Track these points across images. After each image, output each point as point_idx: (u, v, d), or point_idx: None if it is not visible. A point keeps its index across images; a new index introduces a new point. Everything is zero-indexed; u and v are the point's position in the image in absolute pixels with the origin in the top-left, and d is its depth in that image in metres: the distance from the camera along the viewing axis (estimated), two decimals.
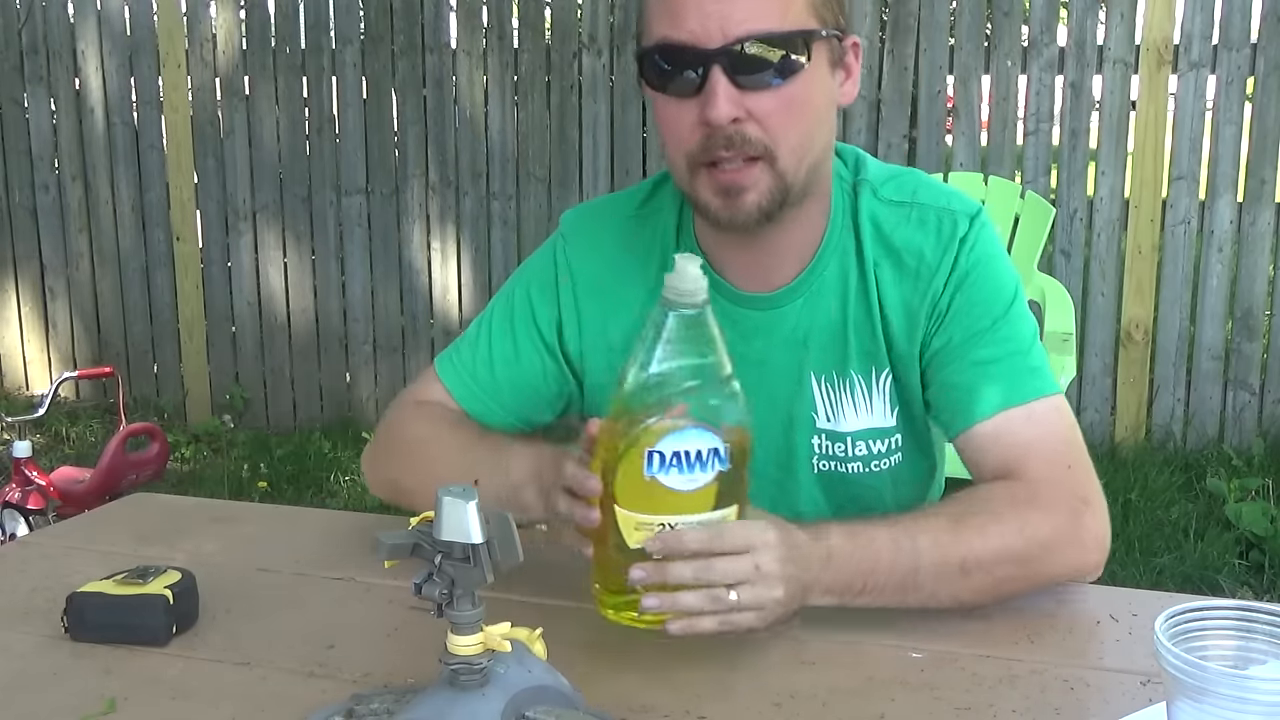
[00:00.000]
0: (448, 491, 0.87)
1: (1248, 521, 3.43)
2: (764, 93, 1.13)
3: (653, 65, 1.16)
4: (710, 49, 1.12)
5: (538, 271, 1.38)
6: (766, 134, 1.14)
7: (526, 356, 1.36)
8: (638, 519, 1.00)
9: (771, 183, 1.16)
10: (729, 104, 1.12)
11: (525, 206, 4.57)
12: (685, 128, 1.16)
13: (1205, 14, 3.95)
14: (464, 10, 4.57)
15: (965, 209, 1.27)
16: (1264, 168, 4.00)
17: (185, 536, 1.43)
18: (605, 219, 1.37)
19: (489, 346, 1.37)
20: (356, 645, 1.12)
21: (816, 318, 1.28)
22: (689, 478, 0.99)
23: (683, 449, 0.98)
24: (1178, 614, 0.85)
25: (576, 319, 1.35)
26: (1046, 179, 4.17)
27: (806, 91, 1.15)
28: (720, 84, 1.12)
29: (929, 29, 4.16)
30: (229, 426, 4.90)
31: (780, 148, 1.15)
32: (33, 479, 3.30)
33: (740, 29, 1.11)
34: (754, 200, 1.17)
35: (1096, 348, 4.18)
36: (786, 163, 1.16)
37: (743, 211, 1.18)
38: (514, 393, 1.37)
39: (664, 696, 1.01)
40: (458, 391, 1.37)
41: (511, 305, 1.38)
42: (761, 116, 1.14)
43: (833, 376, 1.29)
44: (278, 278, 4.86)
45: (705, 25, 1.11)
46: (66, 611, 1.14)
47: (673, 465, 0.98)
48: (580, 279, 1.35)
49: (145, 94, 4.89)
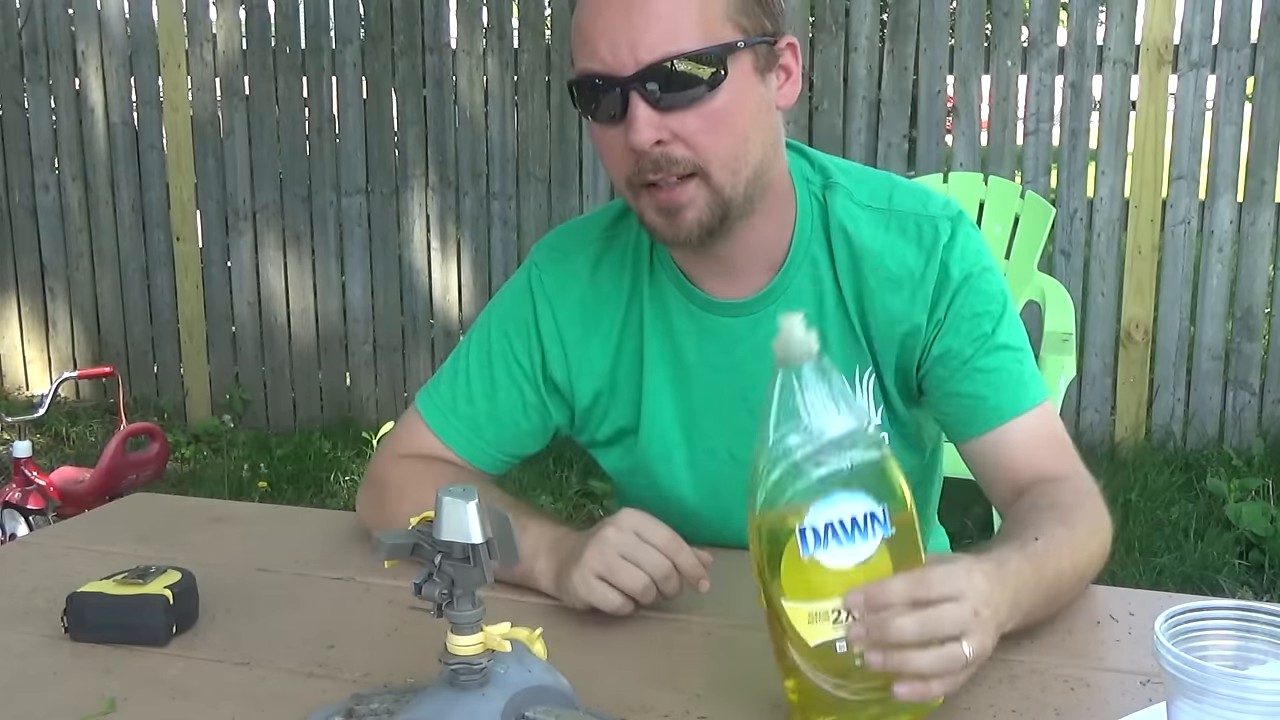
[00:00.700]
0: (448, 491, 0.87)
1: (1248, 521, 3.43)
2: (684, 112, 1.13)
3: (581, 95, 1.17)
4: (625, 76, 1.12)
5: (513, 305, 1.37)
6: (693, 151, 1.14)
7: (505, 390, 1.36)
8: (808, 610, 0.90)
9: (709, 198, 1.17)
10: (649, 128, 1.13)
11: (525, 206, 4.57)
12: (617, 153, 1.17)
13: (1205, 14, 3.95)
14: (464, 10, 4.57)
15: (944, 212, 1.27)
16: (1264, 168, 4.00)
17: (185, 536, 1.44)
18: (577, 243, 1.37)
19: (467, 382, 1.37)
20: (356, 645, 1.12)
21: None
22: (850, 550, 0.89)
23: (835, 518, 0.88)
24: (1178, 614, 0.85)
25: (561, 347, 1.35)
26: (1046, 179, 4.17)
27: (730, 104, 1.14)
28: (639, 109, 1.12)
29: (929, 29, 4.16)
30: (229, 426, 4.90)
31: (711, 164, 1.15)
32: (33, 479, 3.29)
33: (653, 53, 1.11)
34: (693, 217, 1.17)
35: (1096, 348, 4.18)
36: (721, 177, 1.16)
37: (684, 229, 1.18)
38: (495, 426, 1.37)
39: (664, 696, 1.01)
40: (439, 428, 1.38)
41: (489, 340, 1.37)
42: (686, 135, 1.14)
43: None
44: (278, 278, 4.86)
45: (617, 53, 1.12)
46: (66, 611, 1.14)
47: (829, 538, 0.88)
48: (559, 306, 1.35)
49: (145, 94, 4.89)
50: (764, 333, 1.25)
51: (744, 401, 1.29)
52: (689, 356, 1.31)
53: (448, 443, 1.37)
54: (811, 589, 0.90)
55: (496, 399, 1.36)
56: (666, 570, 1.12)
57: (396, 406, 4.72)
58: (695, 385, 1.31)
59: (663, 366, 1.32)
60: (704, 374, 1.31)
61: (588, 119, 1.19)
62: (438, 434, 1.38)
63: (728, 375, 1.30)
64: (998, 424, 1.25)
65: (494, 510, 0.87)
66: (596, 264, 1.34)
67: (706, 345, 1.30)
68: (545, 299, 1.35)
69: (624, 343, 1.33)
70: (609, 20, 1.13)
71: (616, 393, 1.35)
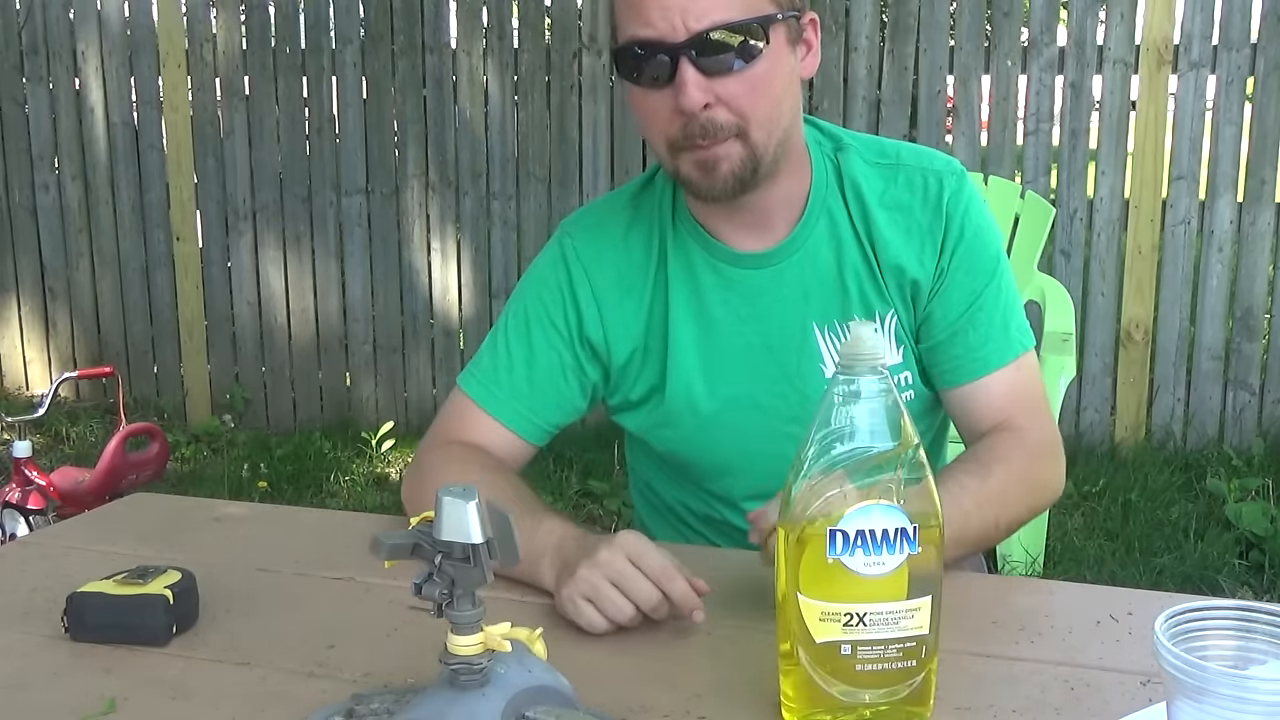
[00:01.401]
0: (448, 491, 0.87)
1: (1248, 521, 3.43)
2: (729, 77, 1.22)
3: (626, 61, 1.25)
4: (676, 42, 1.21)
5: (546, 272, 1.43)
6: (736, 115, 1.24)
7: (543, 355, 1.41)
8: (822, 608, 0.92)
9: (744, 154, 1.26)
10: (698, 91, 1.21)
11: (525, 206, 4.57)
12: (663, 116, 1.25)
13: (1205, 14, 3.95)
14: (464, 10, 4.57)
15: (948, 168, 1.38)
16: (1264, 168, 4.00)
17: (185, 536, 1.44)
18: (604, 213, 1.45)
19: (508, 352, 1.42)
20: (356, 645, 1.13)
21: (814, 271, 1.36)
22: (874, 560, 0.90)
23: (868, 528, 0.90)
24: (1178, 614, 0.85)
25: (596, 308, 1.41)
26: (1046, 179, 4.18)
27: (769, 71, 1.24)
28: (689, 73, 1.21)
29: (929, 29, 4.16)
30: (229, 426, 4.89)
31: (750, 124, 1.25)
32: (33, 479, 3.29)
33: (702, 22, 1.20)
34: (728, 170, 1.26)
35: (1096, 348, 4.18)
36: (758, 136, 1.26)
37: (720, 181, 1.27)
38: (536, 393, 1.41)
39: (664, 696, 1.01)
40: (483, 399, 1.42)
41: (525, 309, 1.43)
42: (729, 99, 1.23)
43: (835, 325, 1.37)
44: (278, 278, 4.86)
45: (670, 20, 1.20)
46: (66, 611, 1.14)
47: (857, 546, 0.90)
48: (594, 270, 1.41)
49: (145, 94, 4.89)
50: (786, 282, 1.37)
51: (768, 350, 1.37)
52: (713, 310, 1.38)
53: (493, 412, 1.41)
54: (829, 590, 0.91)
55: (535, 364, 1.41)
56: (655, 601, 1.11)
57: (396, 406, 4.72)
58: (720, 337, 1.38)
59: (688, 321, 1.38)
60: (729, 325, 1.38)
61: (630, 85, 1.27)
62: (482, 405, 1.41)
63: (752, 325, 1.38)
64: (975, 378, 1.35)
65: (495, 510, 0.87)
66: (627, 229, 1.42)
67: (731, 298, 1.38)
68: (579, 263, 1.41)
69: (654, 303, 1.40)
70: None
71: (649, 351, 1.41)
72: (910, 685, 0.94)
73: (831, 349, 1.37)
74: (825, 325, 1.37)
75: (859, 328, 0.94)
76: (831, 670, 0.92)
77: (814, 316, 1.37)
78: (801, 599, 0.92)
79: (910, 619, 0.92)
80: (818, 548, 0.91)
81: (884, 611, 0.91)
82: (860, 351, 0.92)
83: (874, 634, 0.92)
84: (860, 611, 0.91)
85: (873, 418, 0.92)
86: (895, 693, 0.93)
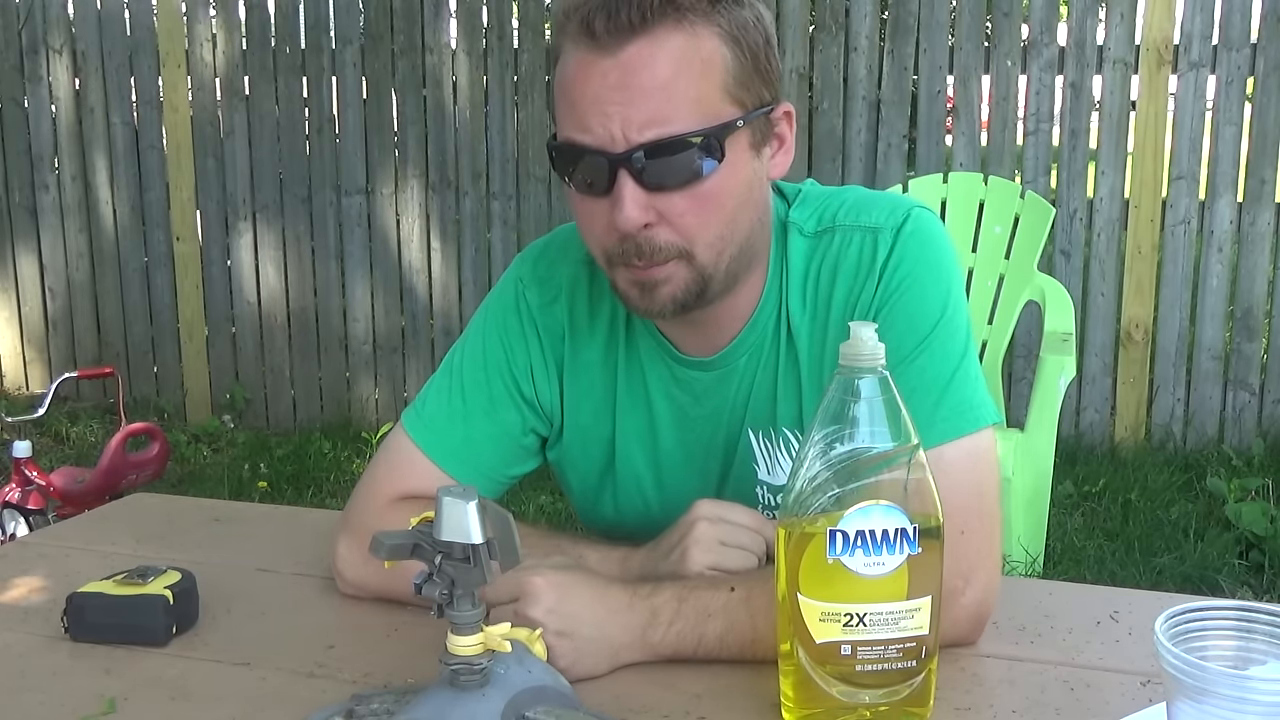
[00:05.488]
0: (448, 491, 0.87)
1: (1248, 521, 3.43)
2: (674, 194, 1.07)
3: (561, 160, 1.11)
4: (614, 154, 1.05)
5: (503, 315, 1.30)
6: (680, 235, 1.09)
7: (503, 407, 1.28)
8: (822, 608, 0.92)
9: (689, 277, 1.11)
10: (637, 209, 1.06)
11: (525, 206, 4.57)
12: (599, 226, 1.11)
13: (1205, 14, 3.95)
14: (464, 10, 4.57)
15: (889, 223, 1.18)
16: (1264, 168, 4.00)
17: (185, 536, 1.44)
18: (561, 266, 1.30)
19: (462, 399, 1.28)
20: (356, 645, 1.13)
21: (755, 374, 1.24)
22: (874, 561, 0.90)
23: (868, 528, 0.90)
24: (1178, 614, 0.85)
25: (544, 365, 1.29)
26: (1046, 179, 4.17)
27: (721, 186, 1.08)
28: (627, 189, 1.06)
29: (929, 29, 4.16)
30: (229, 426, 4.89)
31: (696, 245, 1.10)
32: (33, 479, 3.29)
33: (644, 134, 1.04)
34: (668, 293, 1.12)
35: (1096, 348, 4.18)
36: (704, 258, 1.11)
37: (657, 305, 1.13)
38: (492, 446, 1.28)
39: (664, 696, 1.01)
40: (434, 452, 1.27)
41: (483, 353, 1.29)
42: (673, 217, 1.08)
43: (768, 431, 1.24)
44: (278, 278, 4.86)
45: (609, 129, 1.05)
46: (66, 611, 1.14)
47: (857, 546, 0.90)
48: (544, 327, 1.29)
49: (145, 94, 4.89)
50: (733, 385, 1.24)
51: (714, 449, 1.26)
52: (658, 404, 1.27)
53: (444, 466, 1.26)
54: (828, 590, 0.91)
55: (495, 415, 1.28)
56: (763, 545, 1.12)
57: (396, 406, 4.72)
58: (665, 433, 1.27)
59: (635, 412, 1.28)
60: (675, 422, 1.27)
61: (567, 184, 1.12)
62: (432, 457, 1.27)
63: (699, 424, 1.27)
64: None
65: (495, 510, 0.87)
66: (578, 290, 1.28)
67: (678, 394, 1.27)
68: (530, 316, 1.29)
69: (600, 380, 1.29)
70: (600, 90, 1.05)
71: (592, 429, 1.30)
72: (910, 685, 0.94)
73: (764, 454, 1.25)
74: (759, 431, 1.24)
75: (859, 328, 0.93)
76: (831, 670, 0.93)
77: (750, 421, 1.25)
78: (801, 599, 0.92)
79: (910, 619, 0.92)
80: (818, 548, 0.91)
81: (884, 612, 0.91)
82: (860, 353, 0.92)
83: (874, 634, 0.92)
84: (860, 612, 0.91)
85: (873, 418, 0.92)
86: (895, 693, 0.93)
